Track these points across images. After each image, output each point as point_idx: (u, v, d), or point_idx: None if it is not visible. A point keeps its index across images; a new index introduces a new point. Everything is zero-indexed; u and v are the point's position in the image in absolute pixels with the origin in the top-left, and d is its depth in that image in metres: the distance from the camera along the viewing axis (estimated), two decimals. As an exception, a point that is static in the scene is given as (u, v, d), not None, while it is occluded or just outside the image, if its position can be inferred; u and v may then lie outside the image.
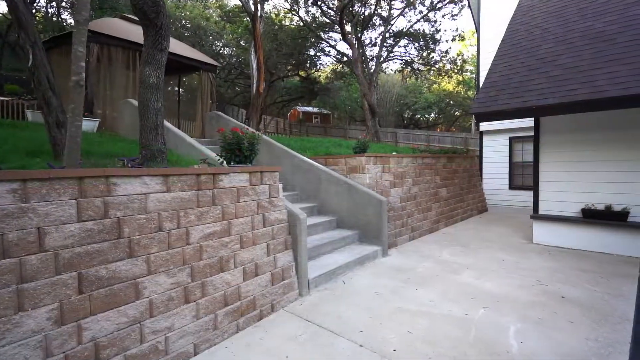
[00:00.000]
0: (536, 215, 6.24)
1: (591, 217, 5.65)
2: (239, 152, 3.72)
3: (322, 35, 20.10)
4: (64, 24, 20.17)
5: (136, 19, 9.73)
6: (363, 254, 5.17)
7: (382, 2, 18.29)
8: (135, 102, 7.11)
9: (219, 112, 9.00)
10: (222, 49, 25.29)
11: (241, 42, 23.77)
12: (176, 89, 13.73)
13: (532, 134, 9.95)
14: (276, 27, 20.33)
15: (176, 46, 10.16)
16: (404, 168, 6.95)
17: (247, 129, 4.94)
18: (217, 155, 3.98)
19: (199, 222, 2.98)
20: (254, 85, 9.84)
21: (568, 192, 5.92)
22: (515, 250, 5.81)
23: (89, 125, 6.87)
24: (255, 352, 2.81)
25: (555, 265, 4.97)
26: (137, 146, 5.25)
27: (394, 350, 2.81)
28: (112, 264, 2.37)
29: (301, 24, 19.93)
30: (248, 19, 24.81)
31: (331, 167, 6.57)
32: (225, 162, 3.80)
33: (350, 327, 3.21)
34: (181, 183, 2.87)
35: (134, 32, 8.67)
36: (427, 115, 33.43)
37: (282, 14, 21.83)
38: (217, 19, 23.54)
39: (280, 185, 3.93)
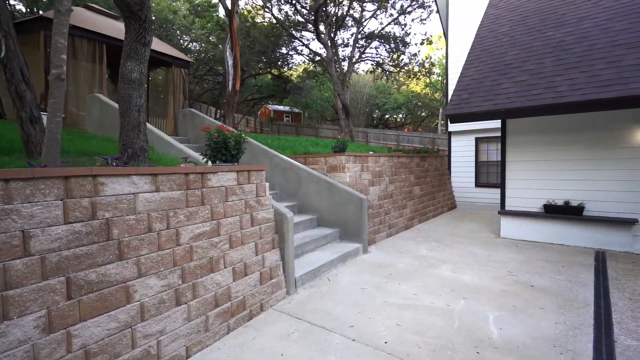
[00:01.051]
0: (503, 211, 6.66)
1: (552, 212, 6.13)
2: (225, 151, 3.66)
3: (295, 34, 20.04)
4: (12, 9, 18.62)
5: (101, 9, 9.23)
6: (345, 251, 5.27)
7: (355, 3, 18.56)
8: (103, 97, 6.76)
9: (193, 110, 8.74)
10: (191, 44, 24.48)
11: (211, 38, 23.15)
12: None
13: (495, 134, 10.59)
14: (248, 24, 20.00)
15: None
16: (381, 167, 7.14)
17: (232, 127, 4.85)
18: (202, 153, 3.89)
19: (189, 222, 2.91)
20: (230, 83, 9.61)
21: (532, 189, 6.38)
22: (486, 244, 6.17)
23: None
24: (249, 352, 2.80)
25: (523, 257, 5.34)
26: (111, 144, 5.02)
27: (386, 342, 2.91)
28: (102, 267, 2.27)
29: (274, 21, 19.75)
30: (217, 14, 24.28)
31: (311, 166, 6.62)
32: (210, 161, 3.73)
33: (340, 322, 3.28)
34: (170, 182, 2.79)
35: (100, 24, 8.21)
36: (395, 116, 34.44)
37: (254, 11, 21.51)
38: (186, 12, 22.73)
39: (267, 184, 3.92)
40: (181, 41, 23.48)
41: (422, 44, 20.54)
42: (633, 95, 4.49)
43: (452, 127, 11.87)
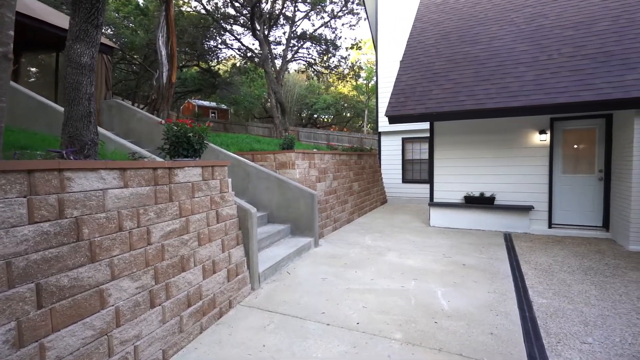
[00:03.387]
0: (432, 203, 7.54)
1: (471, 202, 7.16)
2: (187, 146, 3.51)
3: (226, 27, 19.30)
4: None
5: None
6: (299, 245, 5.41)
7: (288, 2, 18.67)
8: (13, 83, 5.72)
9: (120, 101, 7.90)
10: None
11: (126, 22, 20.89)
12: (54, 69, 11.33)
13: (419, 135, 11.80)
14: (174, 11, 18.59)
15: (56, 17, 8.46)
16: (326, 164, 7.45)
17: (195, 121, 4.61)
18: (158, 147, 3.66)
19: (159, 219, 2.76)
20: (165, 75, 8.85)
21: (455, 183, 7.36)
22: (420, 232, 6.93)
23: None
24: (229, 347, 2.78)
25: (451, 242, 6.16)
26: (36, 135, 4.35)
27: (357, 323, 3.17)
28: (73, 270, 2.05)
29: (203, 11, 18.72)
30: (135, -4, 21.96)
31: (259, 163, 6.59)
32: (169, 156, 3.53)
33: (311, 311, 3.43)
34: (138, 178, 2.62)
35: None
36: (323, 116, 35.54)
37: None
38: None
39: (230, 180, 3.86)
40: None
41: (351, 48, 21.63)
42: (533, 105, 5.55)
43: (382, 127, 12.85)
